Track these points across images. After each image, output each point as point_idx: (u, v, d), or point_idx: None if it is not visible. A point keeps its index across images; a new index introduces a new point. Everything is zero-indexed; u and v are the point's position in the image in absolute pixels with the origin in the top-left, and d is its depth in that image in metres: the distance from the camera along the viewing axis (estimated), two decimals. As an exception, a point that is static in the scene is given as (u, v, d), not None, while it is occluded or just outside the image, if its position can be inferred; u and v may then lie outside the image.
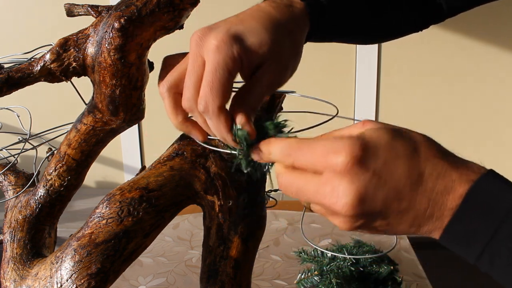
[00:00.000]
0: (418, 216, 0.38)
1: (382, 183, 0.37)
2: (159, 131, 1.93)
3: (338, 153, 0.37)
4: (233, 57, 0.44)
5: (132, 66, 0.58)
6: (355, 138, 0.38)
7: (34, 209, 0.67)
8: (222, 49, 0.44)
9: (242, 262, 0.63)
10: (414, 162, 0.38)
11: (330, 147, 0.38)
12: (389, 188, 0.37)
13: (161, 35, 0.59)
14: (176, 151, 0.61)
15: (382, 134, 0.39)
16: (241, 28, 0.47)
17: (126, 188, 0.57)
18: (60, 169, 0.66)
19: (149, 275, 0.96)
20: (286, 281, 0.93)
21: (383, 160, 0.37)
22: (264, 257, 1.02)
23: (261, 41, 0.47)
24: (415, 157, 0.38)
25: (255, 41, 0.46)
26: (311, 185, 0.39)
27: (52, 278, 0.56)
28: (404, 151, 0.38)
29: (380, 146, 0.38)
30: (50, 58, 0.59)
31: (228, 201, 0.61)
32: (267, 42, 0.47)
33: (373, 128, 0.39)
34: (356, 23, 0.65)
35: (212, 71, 0.44)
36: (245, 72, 0.47)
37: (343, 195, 0.37)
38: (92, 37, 0.58)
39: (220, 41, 0.44)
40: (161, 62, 0.58)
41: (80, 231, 0.57)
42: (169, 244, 1.09)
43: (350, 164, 0.37)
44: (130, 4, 0.56)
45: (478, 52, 1.82)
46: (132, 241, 0.56)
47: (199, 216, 0.67)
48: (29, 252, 0.65)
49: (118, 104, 0.60)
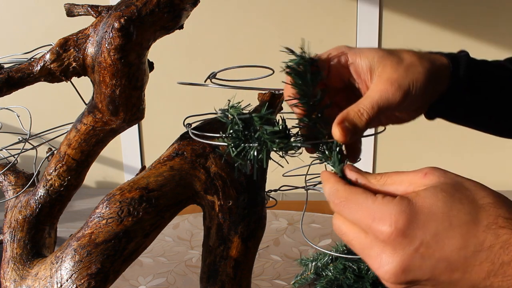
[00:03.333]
0: (475, 285, 0.35)
1: (429, 254, 0.35)
2: (159, 131, 1.93)
3: (382, 221, 0.36)
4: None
5: (132, 66, 0.58)
6: (404, 205, 0.36)
7: (34, 209, 0.67)
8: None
9: (242, 262, 0.63)
10: (472, 232, 0.35)
11: (375, 211, 0.36)
12: (438, 259, 0.35)
13: (161, 35, 0.59)
14: (176, 151, 0.61)
15: (438, 200, 0.36)
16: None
17: (126, 188, 0.57)
18: (60, 169, 0.66)
19: (149, 275, 0.96)
20: (286, 281, 0.93)
21: (434, 231, 0.35)
22: (264, 257, 1.02)
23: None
24: (474, 227, 0.35)
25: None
26: (357, 242, 0.38)
27: (52, 278, 0.56)
28: (461, 221, 0.35)
29: (432, 217, 0.35)
30: (50, 58, 0.59)
31: (228, 201, 0.61)
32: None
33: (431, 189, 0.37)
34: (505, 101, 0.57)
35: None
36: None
37: (386, 263, 0.36)
38: (92, 37, 0.58)
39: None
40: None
41: (80, 231, 0.57)
42: (169, 244, 1.09)
43: (394, 235, 0.35)
44: (130, 4, 0.56)
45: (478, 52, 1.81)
46: (132, 241, 0.56)
47: (199, 216, 0.67)
48: (29, 252, 0.65)
49: (118, 104, 0.60)
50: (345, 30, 1.84)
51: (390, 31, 1.83)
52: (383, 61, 0.49)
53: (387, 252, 0.36)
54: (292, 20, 1.83)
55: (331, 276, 0.86)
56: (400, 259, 0.35)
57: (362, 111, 0.46)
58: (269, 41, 1.84)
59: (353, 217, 0.38)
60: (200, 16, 1.17)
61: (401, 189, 0.39)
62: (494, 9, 1.80)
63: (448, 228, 0.35)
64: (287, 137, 0.46)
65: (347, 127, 0.45)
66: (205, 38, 1.85)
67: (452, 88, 0.53)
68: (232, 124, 0.46)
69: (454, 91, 0.53)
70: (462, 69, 0.53)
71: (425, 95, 0.50)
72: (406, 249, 0.35)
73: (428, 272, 0.35)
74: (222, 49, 1.86)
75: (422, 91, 0.49)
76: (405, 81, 0.48)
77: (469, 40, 1.81)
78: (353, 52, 0.50)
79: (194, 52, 1.86)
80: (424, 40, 1.83)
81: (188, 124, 0.65)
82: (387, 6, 1.82)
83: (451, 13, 1.81)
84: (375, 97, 0.47)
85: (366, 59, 0.49)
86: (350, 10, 1.82)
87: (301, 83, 0.47)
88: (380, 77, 0.48)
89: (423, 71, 0.49)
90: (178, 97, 1.88)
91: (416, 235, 0.35)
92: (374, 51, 0.50)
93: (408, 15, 1.83)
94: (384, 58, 0.49)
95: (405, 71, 0.49)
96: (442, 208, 0.35)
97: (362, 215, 0.37)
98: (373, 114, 0.47)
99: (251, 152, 0.46)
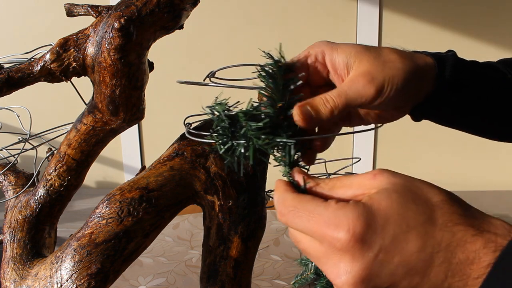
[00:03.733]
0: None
1: (388, 260, 0.33)
2: (159, 131, 1.93)
3: (338, 228, 0.34)
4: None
5: (132, 66, 0.58)
6: (360, 209, 0.34)
7: (34, 209, 0.67)
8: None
9: (242, 262, 0.63)
10: (429, 233, 0.34)
11: (329, 218, 0.35)
12: (397, 264, 0.33)
13: (161, 35, 0.59)
14: (176, 151, 0.61)
15: (393, 202, 0.35)
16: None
17: (126, 188, 0.57)
18: (60, 169, 0.66)
19: (149, 275, 0.96)
20: (286, 281, 0.93)
21: (392, 235, 0.34)
22: (264, 257, 1.02)
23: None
24: (430, 227, 0.34)
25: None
26: (312, 250, 0.36)
27: (52, 278, 0.56)
28: (417, 222, 0.34)
29: (389, 220, 0.34)
30: (50, 58, 0.59)
31: (228, 201, 0.61)
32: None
33: (384, 191, 0.35)
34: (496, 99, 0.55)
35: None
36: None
37: (344, 272, 0.34)
38: (92, 37, 0.58)
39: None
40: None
41: (80, 231, 0.57)
42: (169, 244, 1.09)
43: (352, 242, 0.33)
44: (130, 4, 0.56)
45: (478, 52, 1.82)
46: (132, 241, 0.56)
47: (199, 216, 0.67)
48: (29, 252, 0.65)
49: (118, 104, 0.60)
50: (345, 30, 1.84)
51: (390, 31, 1.83)
52: (359, 56, 0.48)
53: (345, 261, 0.34)
54: (292, 20, 1.83)
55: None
56: (359, 268, 0.33)
57: (328, 99, 0.45)
58: (269, 41, 1.84)
59: (304, 226, 0.36)
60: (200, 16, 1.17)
61: (349, 193, 0.37)
62: (494, 9, 1.80)
63: (405, 231, 0.34)
64: (273, 133, 0.45)
65: (308, 110, 0.44)
66: (205, 38, 1.85)
67: (437, 89, 0.52)
68: (218, 121, 0.46)
69: (440, 92, 0.52)
70: (448, 69, 0.52)
71: (406, 95, 0.49)
72: (365, 256, 0.33)
73: (388, 279, 0.34)
74: (222, 49, 1.86)
75: (400, 89, 0.48)
76: (380, 76, 0.47)
77: (469, 40, 1.81)
78: (330, 47, 0.49)
79: (194, 52, 1.86)
80: (424, 40, 1.83)
81: (188, 124, 0.65)
82: (387, 6, 1.82)
83: (451, 13, 1.81)
84: (344, 87, 0.46)
85: (343, 54, 0.48)
86: (350, 10, 1.82)
87: (272, 87, 0.46)
88: (355, 71, 0.48)
89: (402, 68, 0.48)
90: (178, 97, 1.88)
91: (375, 241, 0.33)
92: (351, 46, 0.49)
93: (408, 15, 1.83)
94: (361, 53, 0.48)
95: (381, 66, 0.47)
96: (397, 209, 0.34)
97: (314, 224, 0.35)
98: (339, 103, 0.45)
99: (238, 149, 0.45)
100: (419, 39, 1.83)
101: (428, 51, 0.54)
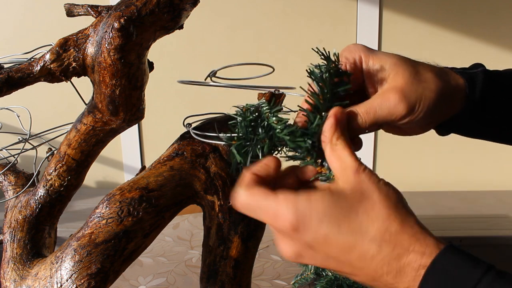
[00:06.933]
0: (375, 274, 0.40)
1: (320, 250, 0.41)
2: (159, 131, 1.93)
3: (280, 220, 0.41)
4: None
5: (132, 66, 0.58)
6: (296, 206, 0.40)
7: (34, 209, 0.67)
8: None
9: (242, 262, 0.63)
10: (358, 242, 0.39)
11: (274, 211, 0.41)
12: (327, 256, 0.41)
13: (161, 35, 0.59)
14: (176, 151, 0.61)
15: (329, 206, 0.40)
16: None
17: (126, 188, 0.57)
18: (60, 169, 0.66)
19: (149, 275, 0.96)
20: (286, 281, 0.93)
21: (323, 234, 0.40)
22: (264, 257, 1.02)
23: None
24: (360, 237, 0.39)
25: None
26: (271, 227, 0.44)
27: (52, 278, 0.56)
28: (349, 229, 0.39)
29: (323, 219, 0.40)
30: (50, 58, 0.59)
31: (228, 201, 0.61)
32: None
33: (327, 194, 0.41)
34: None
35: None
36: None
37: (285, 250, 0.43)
38: (92, 37, 0.58)
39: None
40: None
41: (80, 231, 0.57)
42: (169, 244, 1.09)
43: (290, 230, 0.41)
44: (130, 4, 0.56)
45: (478, 52, 1.82)
46: (132, 241, 0.56)
47: (199, 216, 0.67)
48: (29, 252, 0.65)
49: (118, 104, 0.60)
50: (345, 30, 1.84)
51: (390, 31, 1.83)
52: (395, 68, 0.47)
53: (286, 242, 0.42)
54: (292, 20, 1.83)
55: (331, 276, 0.86)
56: (295, 249, 0.42)
57: (356, 112, 0.46)
58: (269, 41, 1.84)
59: (260, 218, 0.43)
60: (200, 16, 1.17)
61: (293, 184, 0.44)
62: (494, 9, 1.80)
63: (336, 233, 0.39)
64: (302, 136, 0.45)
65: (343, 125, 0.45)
66: (205, 38, 1.85)
67: (466, 108, 0.51)
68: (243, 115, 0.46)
69: (469, 111, 0.51)
70: (478, 90, 0.51)
71: (435, 115, 0.48)
72: (300, 242, 0.41)
73: (319, 262, 0.42)
74: (222, 49, 1.86)
75: (430, 110, 0.47)
76: (413, 95, 0.46)
77: (469, 40, 1.81)
78: (366, 54, 0.48)
79: (194, 52, 1.86)
80: (424, 40, 1.83)
81: (188, 124, 0.65)
82: (387, 6, 1.82)
83: (451, 13, 1.81)
84: (374, 104, 0.46)
85: (380, 63, 0.48)
86: (350, 10, 1.82)
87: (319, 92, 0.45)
88: (389, 84, 0.47)
89: (436, 89, 0.47)
90: (178, 96, 1.88)
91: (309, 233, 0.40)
92: (388, 56, 0.48)
93: (408, 15, 1.83)
94: (397, 65, 0.47)
95: (415, 84, 0.46)
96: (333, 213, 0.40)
97: (265, 216, 0.42)
98: (367, 121, 0.46)
99: (255, 148, 0.46)
100: (419, 39, 1.83)
101: (458, 68, 0.53)
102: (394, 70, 0.47)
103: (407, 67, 0.47)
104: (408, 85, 0.46)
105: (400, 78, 0.47)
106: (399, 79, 0.47)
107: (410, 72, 0.47)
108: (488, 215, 1.68)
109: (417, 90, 0.46)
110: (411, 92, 0.46)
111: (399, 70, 0.47)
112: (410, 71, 0.47)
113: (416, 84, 0.47)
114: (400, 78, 0.47)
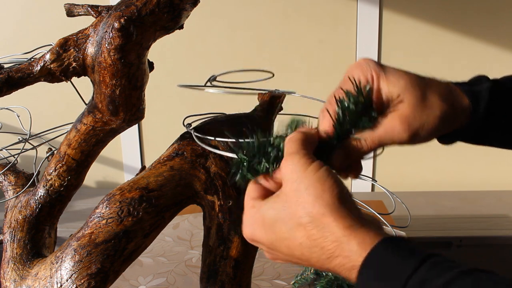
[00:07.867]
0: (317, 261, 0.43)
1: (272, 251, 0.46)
2: (159, 131, 1.93)
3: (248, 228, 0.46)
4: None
5: (132, 66, 0.58)
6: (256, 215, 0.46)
7: (34, 209, 0.67)
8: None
9: (242, 262, 0.63)
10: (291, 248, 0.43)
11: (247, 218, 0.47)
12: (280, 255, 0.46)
13: (161, 35, 0.59)
14: (176, 151, 0.61)
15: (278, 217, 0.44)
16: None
17: (126, 188, 0.57)
18: (60, 169, 0.66)
19: (149, 275, 0.96)
20: (286, 281, 0.93)
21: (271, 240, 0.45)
22: (264, 257, 1.02)
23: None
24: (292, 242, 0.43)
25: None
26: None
27: (52, 278, 0.56)
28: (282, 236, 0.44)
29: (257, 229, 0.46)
30: (50, 58, 0.59)
31: (228, 201, 0.61)
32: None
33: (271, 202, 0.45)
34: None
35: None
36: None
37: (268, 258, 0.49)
38: (92, 37, 0.58)
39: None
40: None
41: (80, 231, 0.57)
42: (169, 244, 1.09)
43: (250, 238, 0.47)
44: (130, 4, 0.56)
45: (478, 52, 1.82)
46: (132, 241, 0.56)
47: (199, 216, 0.67)
48: (29, 252, 0.65)
49: (118, 104, 0.60)
50: (345, 30, 1.84)
51: (390, 31, 1.83)
52: (403, 93, 0.48)
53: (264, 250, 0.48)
54: (292, 20, 1.83)
55: (331, 276, 0.86)
56: (268, 255, 0.47)
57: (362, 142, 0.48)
58: (269, 41, 1.84)
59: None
60: (200, 16, 1.17)
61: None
62: (494, 9, 1.80)
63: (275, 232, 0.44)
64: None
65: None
66: (205, 38, 1.85)
67: (470, 125, 0.52)
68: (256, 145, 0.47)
69: (472, 127, 0.53)
70: (482, 107, 0.52)
71: (437, 134, 0.50)
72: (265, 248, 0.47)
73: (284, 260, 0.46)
74: (222, 49, 1.86)
75: (432, 133, 0.49)
76: (417, 122, 0.47)
77: (469, 40, 1.81)
78: (378, 74, 0.49)
79: (194, 52, 1.86)
80: (424, 40, 1.83)
81: (188, 124, 0.65)
82: (387, 6, 1.82)
83: (451, 13, 1.81)
84: (379, 132, 0.48)
85: (390, 85, 0.49)
86: (350, 10, 1.82)
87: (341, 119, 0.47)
88: (395, 112, 0.48)
89: (440, 115, 0.48)
90: (178, 97, 1.88)
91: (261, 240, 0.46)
92: (400, 78, 0.49)
93: (408, 15, 1.83)
94: (406, 90, 0.48)
95: (421, 111, 0.48)
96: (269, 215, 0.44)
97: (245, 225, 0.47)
98: (371, 147, 0.48)
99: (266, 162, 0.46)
100: (419, 39, 1.83)
101: (464, 83, 0.54)
102: (402, 95, 0.48)
103: (415, 92, 0.48)
104: (413, 113, 0.48)
105: (406, 106, 0.48)
106: (405, 107, 0.48)
107: (417, 98, 0.48)
108: (488, 215, 1.68)
109: (422, 118, 0.48)
110: (414, 119, 0.48)
111: (406, 95, 0.48)
112: (417, 97, 0.48)
113: (421, 111, 0.48)
114: (406, 105, 0.48)
